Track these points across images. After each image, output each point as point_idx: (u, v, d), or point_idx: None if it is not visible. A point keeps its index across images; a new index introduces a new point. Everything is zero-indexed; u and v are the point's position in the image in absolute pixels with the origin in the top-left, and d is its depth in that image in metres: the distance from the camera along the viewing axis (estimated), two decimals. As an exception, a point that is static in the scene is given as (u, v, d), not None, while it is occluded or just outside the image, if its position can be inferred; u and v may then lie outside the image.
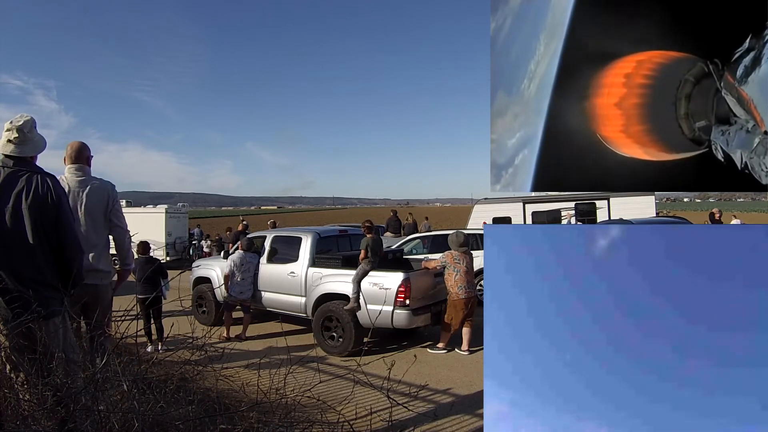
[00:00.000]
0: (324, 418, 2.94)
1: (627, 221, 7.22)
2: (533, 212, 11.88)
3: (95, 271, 3.07)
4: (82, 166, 3.19)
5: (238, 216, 41.49)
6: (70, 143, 3.24)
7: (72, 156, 3.18)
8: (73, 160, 3.17)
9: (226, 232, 15.75)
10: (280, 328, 5.68)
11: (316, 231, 6.94)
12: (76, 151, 3.19)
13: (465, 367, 5.23)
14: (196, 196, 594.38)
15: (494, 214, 12.05)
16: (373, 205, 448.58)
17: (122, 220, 3.28)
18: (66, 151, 3.21)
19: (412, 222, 14.87)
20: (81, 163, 3.19)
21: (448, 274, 5.81)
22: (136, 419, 1.91)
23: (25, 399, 1.98)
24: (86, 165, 3.22)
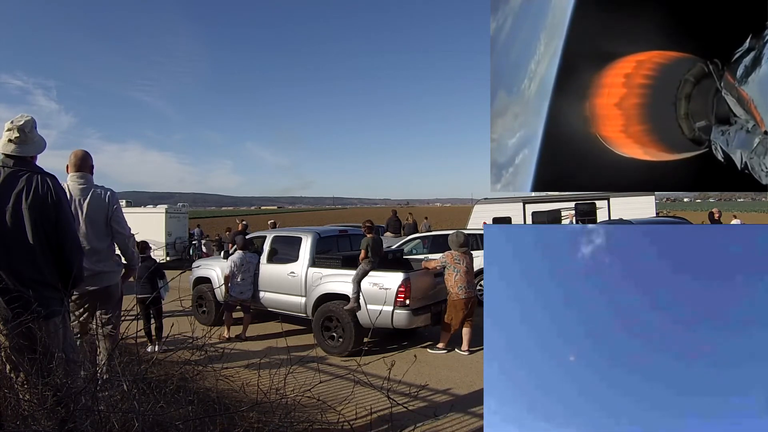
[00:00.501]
0: (324, 418, 2.94)
1: (627, 221, 7.22)
2: (533, 212, 11.88)
3: (101, 274, 3.14)
4: (85, 174, 3.25)
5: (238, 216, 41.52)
6: (74, 152, 3.32)
7: (75, 164, 3.25)
8: (76, 168, 3.24)
9: (226, 232, 15.75)
10: (280, 328, 5.67)
11: (316, 231, 6.94)
12: (80, 159, 3.27)
13: (465, 367, 5.22)
14: (196, 196, 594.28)
15: (494, 214, 12.05)
16: (373, 205, 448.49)
17: (124, 225, 3.33)
18: (69, 159, 3.28)
19: (412, 222, 14.87)
20: (84, 171, 3.26)
21: (448, 274, 5.81)
22: (136, 419, 1.91)
23: (25, 399, 1.98)
24: (89, 173, 3.29)
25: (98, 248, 3.18)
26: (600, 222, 10.48)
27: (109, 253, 3.27)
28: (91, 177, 3.30)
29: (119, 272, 3.33)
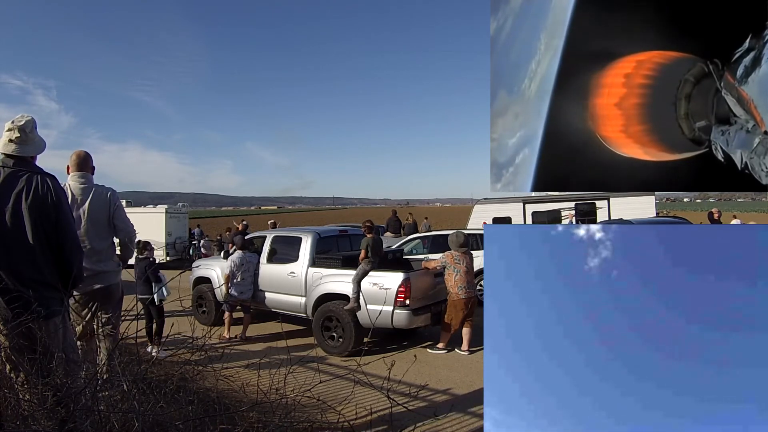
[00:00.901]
0: (324, 418, 2.94)
1: (627, 221, 7.22)
2: (533, 212, 11.88)
3: (102, 274, 3.15)
4: (86, 174, 3.27)
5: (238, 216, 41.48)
6: (75, 152, 3.33)
7: (77, 164, 3.26)
8: (77, 168, 3.26)
9: (226, 232, 15.75)
10: (280, 328, 5.67)
11: (316, 231, 6.94)
12: (81, 159, 3.28)
13: (465, 367, 5.22)
14: (196, 196, 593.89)
15: (494, 214, 12.05)
16: (373, 205, 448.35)
17: (126, 222, 3.35)
18: (70, 160, 3.29)
19: (412, 222, 14.86)
20: (85, 171, 3.27)
21: (448, 274, 5.81)
22: (136, 419, 1.91)
23: (25, 399, 1.98)
24: (89, 173, 3.31)
25: (99, 248, 3.19)
26: (600, 222, 10.48)
27: (109, 253, 3.28)
28: (92, 177, 3.32)
29: (119, 272, 3.35)
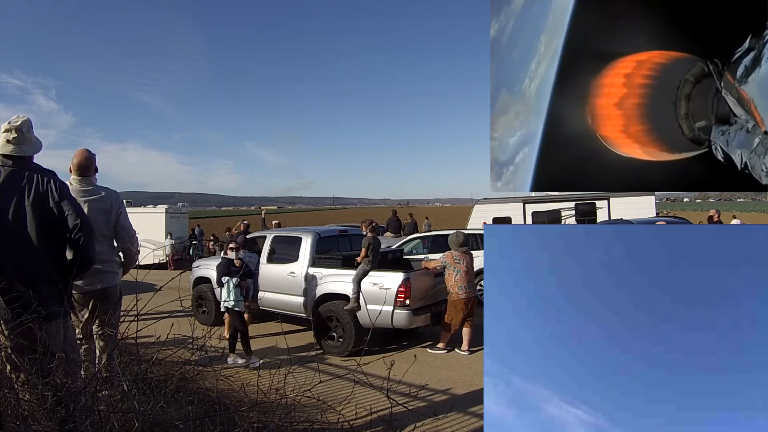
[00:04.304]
0: (324, 418, 2.94)
1: (627, 221, 7.22)
2: (533, 212, 11.87)
3: (102, 274, 3.14)
4: (88, 178, 3.24)
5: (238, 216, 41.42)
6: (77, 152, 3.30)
7: (79, 165, 3.24)
8: (80, 170, 3.23)
9: (226, 232, 15.75)
10: (280, 328, 5.67)
11: (316, 231, 6.94)
12: (83, 160, 3.26)
13: (465, 367, 5.22)
14: (196, 196, 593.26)
15: (494, 214, 12.04)
16: (373, 205, 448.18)
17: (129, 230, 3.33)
18: (72, 161, 3.26)
19: (412, 222, 14.85)
20: (88, 173, 3.25)
21: (448, 274, 5.81)
22: (136, 419, 1.91)
23: (25, 399, 1.98)
24: (92, 175, 3.28)
25: (99, 249, 3.18)
26: (600, 222, 10.47)
27: (109, 253, 3.27)
28: (95, 179, 3.30)
29: (120, 273, 3.34)
